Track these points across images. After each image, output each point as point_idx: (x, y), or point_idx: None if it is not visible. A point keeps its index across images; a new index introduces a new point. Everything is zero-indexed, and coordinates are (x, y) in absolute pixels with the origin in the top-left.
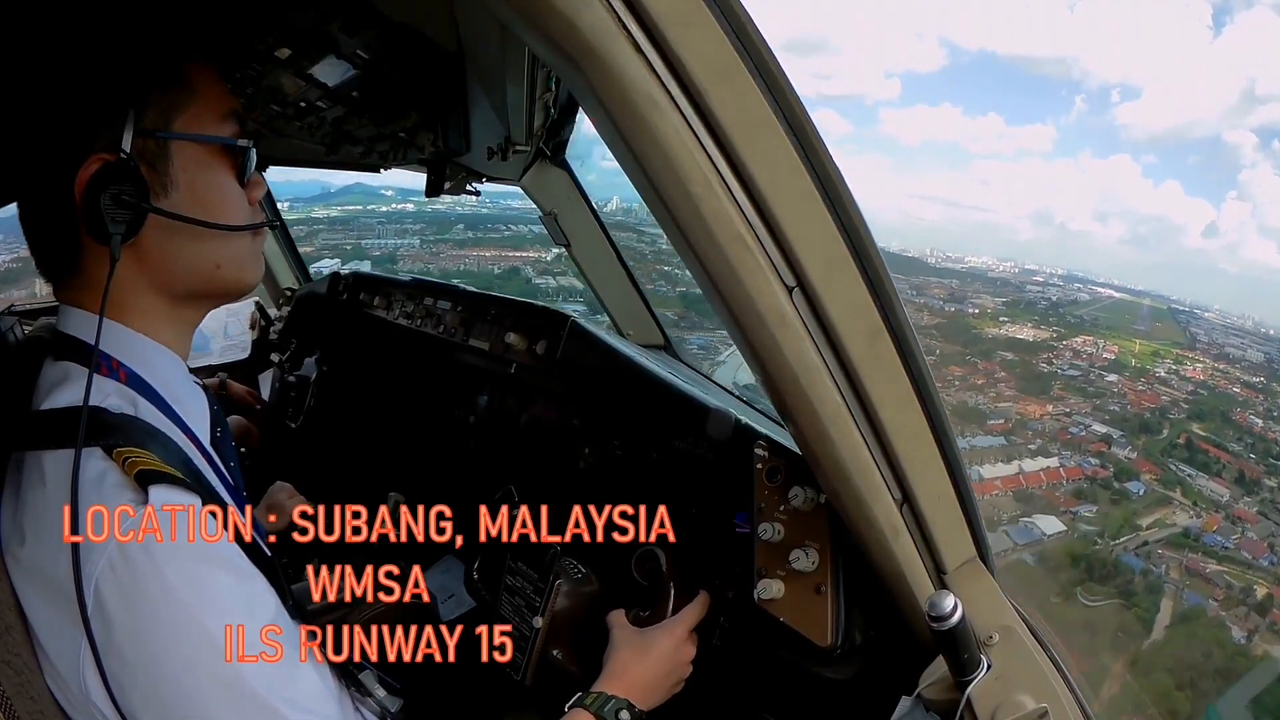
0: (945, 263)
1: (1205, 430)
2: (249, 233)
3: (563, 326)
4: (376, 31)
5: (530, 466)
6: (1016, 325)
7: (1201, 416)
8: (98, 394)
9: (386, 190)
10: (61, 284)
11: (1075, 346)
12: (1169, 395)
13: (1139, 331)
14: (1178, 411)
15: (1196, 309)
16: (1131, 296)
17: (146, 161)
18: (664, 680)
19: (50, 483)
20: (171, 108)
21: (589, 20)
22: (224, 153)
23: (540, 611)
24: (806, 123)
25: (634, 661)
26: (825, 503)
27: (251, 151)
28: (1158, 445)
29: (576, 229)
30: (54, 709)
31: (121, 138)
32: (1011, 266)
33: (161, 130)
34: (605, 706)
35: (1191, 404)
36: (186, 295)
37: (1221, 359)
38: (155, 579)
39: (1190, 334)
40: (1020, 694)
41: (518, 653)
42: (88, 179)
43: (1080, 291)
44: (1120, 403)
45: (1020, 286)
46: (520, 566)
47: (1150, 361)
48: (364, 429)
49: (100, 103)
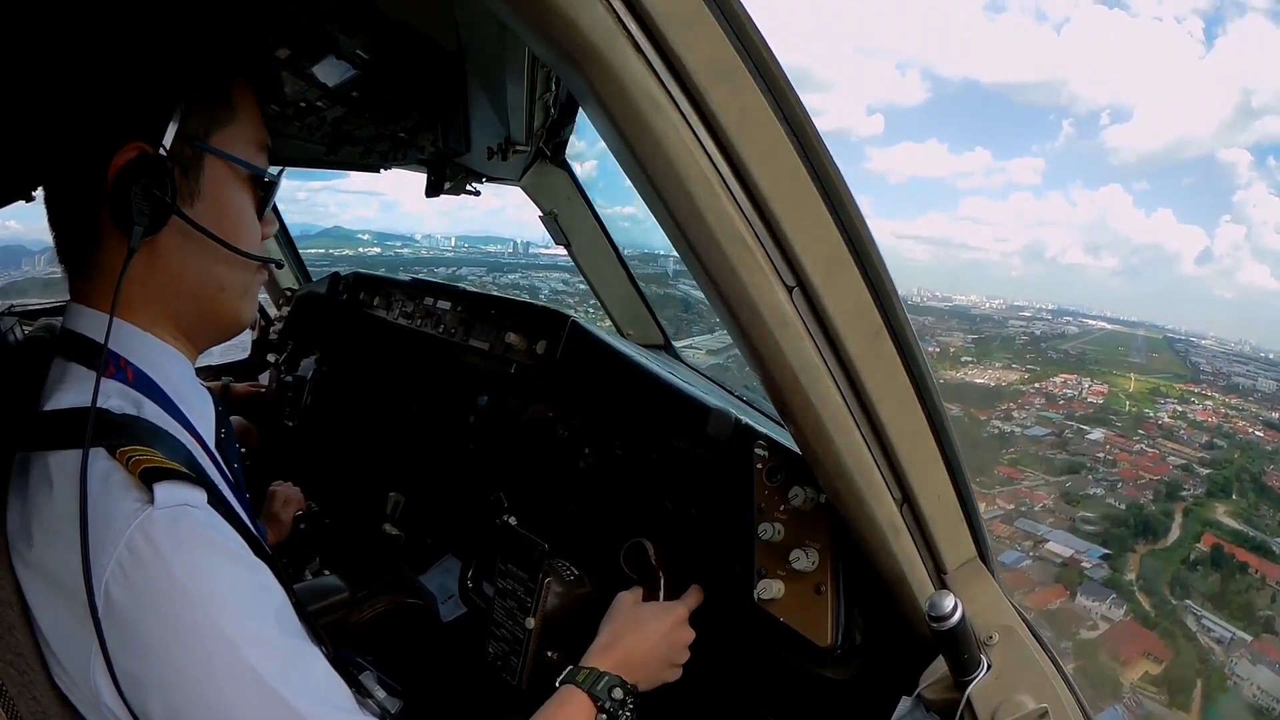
0: (931, 301)
1: (1233, 512)
2: (255, 267)
3: (563, 326)
4: (376, 31)
5: (530, 466)
6: (980, 367)
7: (1225, 488)
8: (101, 395)
9: (363, 234)
10: (75, 278)
11: (1051, 390)
12: (1177, 455)
13: (1134, 364)
14: (1192, 485)
15: (1193, 337)
16: (1125, 328)
17: (180, 165)
18: (657, 658)
19: (56, 484)
20: (213, 122)
21: (589, 20)
22: (250, 182)
23: (531, 612)
24: (806, 123)
25: (628, 631)
26: (825, 503)
27: (276, 188)
28: (1164, 570)
29: (576, 229)
30: (57, 709)
31: (164, 133)
32: (1000, 304)
33: (200, 139)
34: (598, 684)
35: (1210, 467)
36: (185, 312)
37: (1232, 391)
38: (164, 576)
39: (1191, 364)
40: (1020, 694)
41: (512, 656)
42: (123, 164)
43: (1069, 325)
44: (1106, 478)
45: (1002, 322)
46: (510, 568)
47: (1149, 403)
48: (364, 429)
49: (153, 94)
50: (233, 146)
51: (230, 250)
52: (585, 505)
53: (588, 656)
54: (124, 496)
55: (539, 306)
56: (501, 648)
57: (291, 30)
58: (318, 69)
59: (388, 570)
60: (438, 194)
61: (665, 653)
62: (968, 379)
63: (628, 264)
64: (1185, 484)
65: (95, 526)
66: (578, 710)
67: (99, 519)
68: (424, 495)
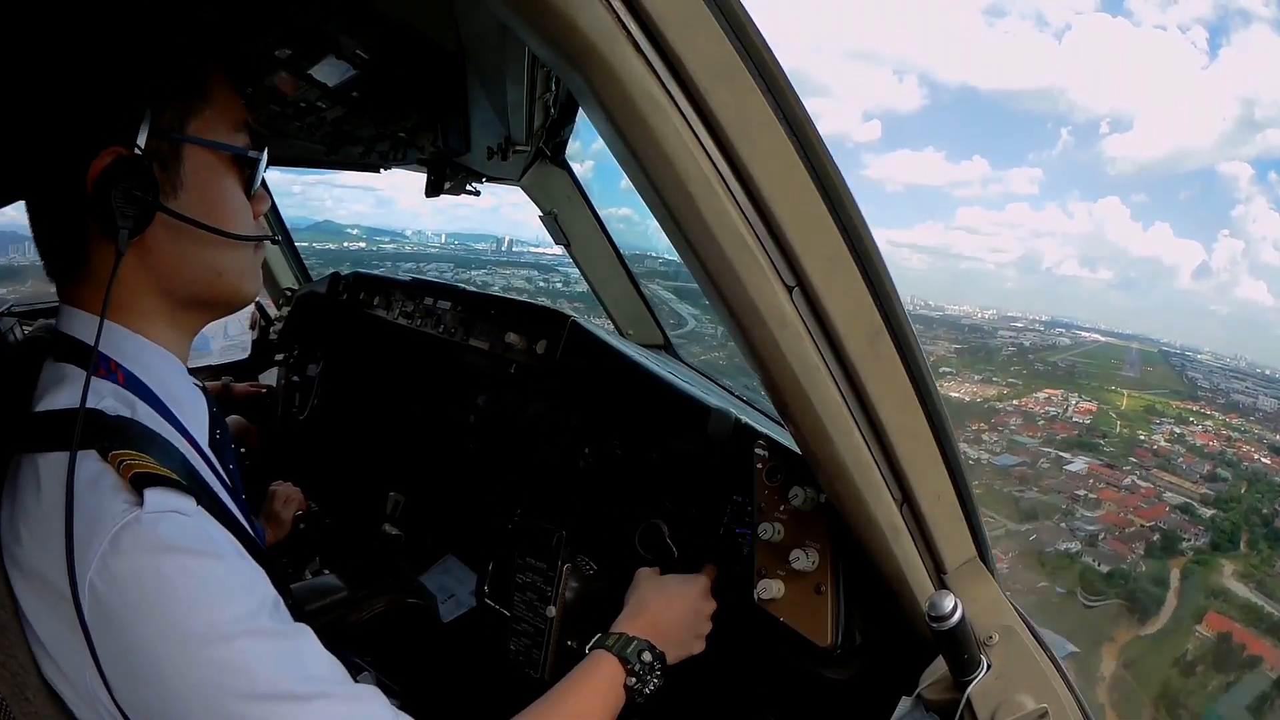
0: (923, 310)
1: (1243, 573)
2: (251, 245)
3: (563, 326)
4: (376, 31)
5: (530, 467)
6: (955, 381)
7: (1233, 537)
8: (94, 396)
9: (352, 229)
10: (65, 283)
11: (1031, 408)
12: (1175, 490)
13: (1127, 379)
14: (1193, 534)
15: (1188, 351)
16: (1119, 340)
17: (159, 161)
18: (684, 625)
19: (45, 485)
20: (188, 111)
21: (589, 20)
22: (234, 162)
23: (552, 600)
24: (806, 123)
25: (654, 596)
26: (825, 503)
27: (261, 164)
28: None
29: (576, 229)
30: (50, 709)
31: (137, 134)
32: (993, 314)
33: (176, 132)
34: (628, 648)
35: (1215, 505)
36: (187, 301)
37: (1232, 410)
38: (150, 570)
39: (1188, 379)
40: (1020, 694)
41: (534, 649)
42: (100, 171)
43: (1061, 336)
44: (1084, 527)
45: (991, 332)
46: (528, 561)
47: (1143, 423)
48: (364, 428)
49: (121, 98)
50: (210, 130)
51: (221, 234)
52: (585, 505)
53: (617, 624)
54: (113, 498)
55: (539, 306)
56: (523, 643)
57: (291, 30)
58: (318, 69)
59: (387, 570)
60: (438, 194)
61: (692, 620)
62: (942, 393)
63: (628, 264)
64: (1184, 532)
65: (82, 525)
66: (607, 671)
67: (86, 518)
68: (424, 495)
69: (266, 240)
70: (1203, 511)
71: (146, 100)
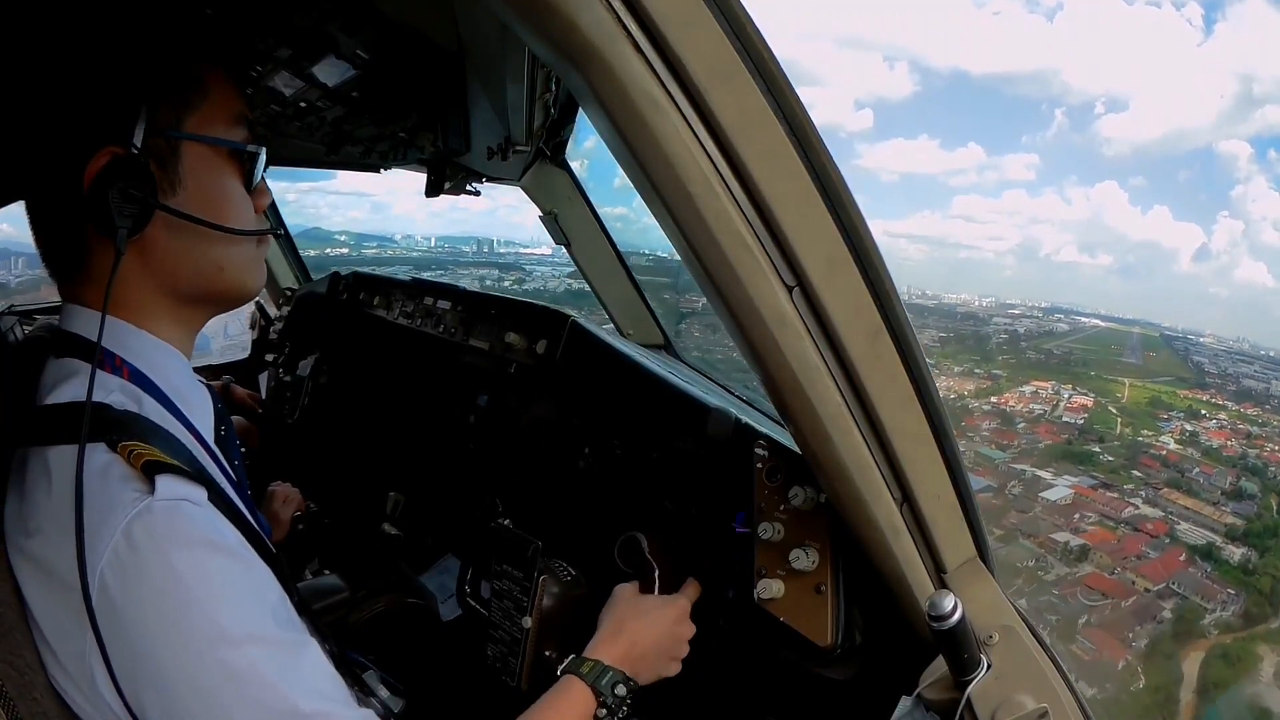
0: (919, 299)
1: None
2: (253, 240)
3: (563, 326)
4: (376, 31)
5: (530, 467)
6: (934, 372)
7: (1273, 598)
8: (101, 390)
9: (339, 234)
10: (66, 282)
11: (1011, 405)
12: (1193, 520)
13: (1129, 366)
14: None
15: (1190, 335)
16: (1120, 325)
17: (156, 159)
18: (659, 651)
19: (55, 477)
20: (184, 108)
21: (589, 20)
22: (232, 157)
23: (528, 611)
24: (806, 123)
25: (630, 619)
26: (825, 502)
27: (260, 158)
28: None
29: (576, 229)
30: (56, 709)
31: (133, 133)
32: (991, 302)
33: (173, 129)
34: (602, 679)
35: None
36: (190, 297)
37: (1245, 399)
38: (161, 566)
39: (1194, 364)
40: (1020, 694)
41: (510, 657)
42: (97, 171)
43: (1059, 322)
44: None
45: (985, 320)
46: (505, 569)
47: (1148, 420)
48: (364, 429)
49: (115, 98)
50: (208, 127)
51: (220, 230)
52: (585, 505)
53: (592, 647)
54: (123, 488)
55: (539, 306)
56: (500, 650)
57: (291, 30)
58: (318, 69)
59: (387, 570)
60: (438, 194)
61: (669, 646)
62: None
63: (628, 264)
64: (1210, 598)
65: (92, 516)
66: (578, 699)
67: (97, 509)
68: (424, 495)
69: (269, 234)
70: (1229, 552)
71: (141, 99)
